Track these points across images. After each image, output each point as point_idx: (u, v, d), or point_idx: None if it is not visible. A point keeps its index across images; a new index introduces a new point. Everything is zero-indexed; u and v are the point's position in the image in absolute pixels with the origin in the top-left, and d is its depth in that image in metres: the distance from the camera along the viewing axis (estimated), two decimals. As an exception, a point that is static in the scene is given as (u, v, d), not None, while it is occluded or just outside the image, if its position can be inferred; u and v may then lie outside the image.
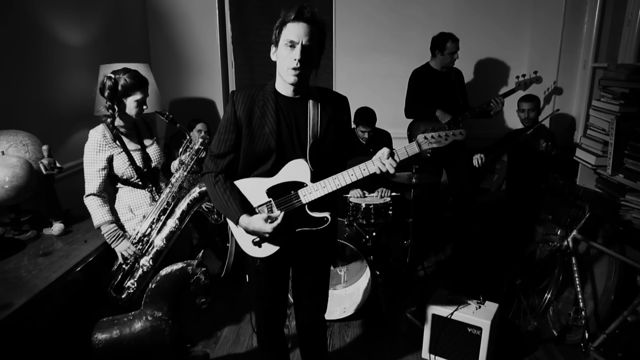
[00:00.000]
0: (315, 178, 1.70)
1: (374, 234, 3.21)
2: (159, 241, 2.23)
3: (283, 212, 1.70)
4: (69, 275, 1.95)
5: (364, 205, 3.12)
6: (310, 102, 1.72)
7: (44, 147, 2.30)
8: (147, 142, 2.37)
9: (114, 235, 2.19)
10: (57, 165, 2.31)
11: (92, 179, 2.19)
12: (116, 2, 3.66)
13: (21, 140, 2.27)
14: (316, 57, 1.66)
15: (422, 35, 3.80)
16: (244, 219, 1.70)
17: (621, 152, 2.60)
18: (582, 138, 3.07)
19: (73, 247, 2.17)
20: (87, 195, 2.21)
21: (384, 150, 1.66)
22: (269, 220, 1.67)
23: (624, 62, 3.21)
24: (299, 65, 1.59)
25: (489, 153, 3.41)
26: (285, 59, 1.61)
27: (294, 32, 1.57)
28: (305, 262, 1.94)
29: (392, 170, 1.65)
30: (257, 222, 1.68)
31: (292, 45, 1.58)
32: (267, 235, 1.68)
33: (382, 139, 3.55)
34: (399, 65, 4.06)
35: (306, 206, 1.73)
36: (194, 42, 4.21)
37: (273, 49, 1.67)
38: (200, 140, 2.36)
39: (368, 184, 1.85)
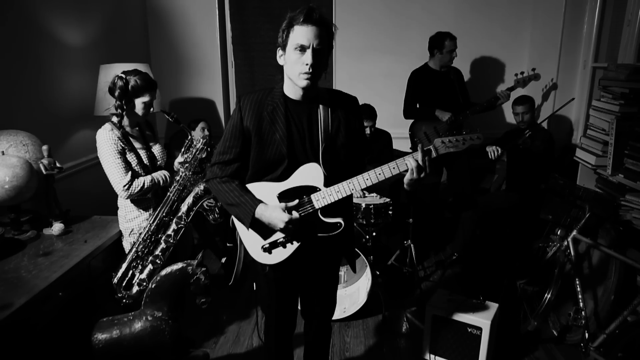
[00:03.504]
0: (328, 182, 1.64)
1: (374, 234, 3.21)
2: (166, 237, 2.25)
3: (300, 210, 1.66)
4: (68, 275, 1.95)
5: (364, 205, 3.11)
6: (321, 106, 1.67)
7: (44, 147, 2.30)
8: (150, 141, 2.39)
9: (162, 176, 2.28)
10: (57, 165, 2.32)
11: (122, 170, 2.16)
12: (116, 2, 3.66)
13: (21, 140, 2.27)
14: (325, 59, 1.60)
15: (422, 35, 3.80)
16: (261, 207, 1.65)
17: (621, 152, 2.60)
18: (582, 138, 3.08)
19: (73, 247, 2.17)
20: (126, 185, 2.15)
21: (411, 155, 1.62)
22: (287, 211, 1.63)
23: (624, 62, 3.21)
24: (311, 70, 1.53)
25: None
26: (296, 64, 1.55)
27: (304, 35, 1.52)
28: (315, 268, 1.89)
29: (426, 167, 1.58)
30: (275, 210, 1.63)
31: (303, 49, 1.53)
32: (281, 225, 1.62)
33: (382, 139, 3.56)
34: (398, 65, 4.06)
35: (319, 211, 1.68)
36: (194, 42, 4.21)
37: (280, 52, 1.61)
38: (203, 140, 2.36)
39: (385, 189, 1.80)
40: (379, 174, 1.62)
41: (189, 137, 2.40)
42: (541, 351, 2.66)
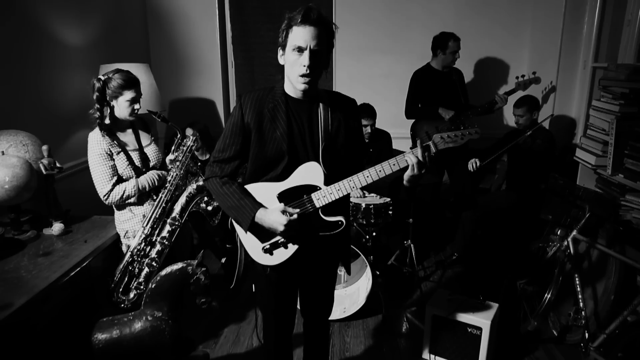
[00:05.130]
0: (328, 181, 1.64)
1: (374, 234, 3.21)
2: (161, 239, 2.23)
3: (299, 210, 1.64)
4: (69, 275, 1.95)
5: (364, 205, 3.11)
6: (321, 105, 1.68)
7: (44, 147, 2.30)
8: (144, 141, 2.37)
9: (150, 179, 2.26)
10: (57, 165, 2.31)
11: (106, 177, 2.17)
12: (116, 2, 3.66)
13: (21, 140, 2.27)
14: (325, 58, 1.61)
15: (423, 35, 3.80)
16: (261, 211, 1.64)
17: (621, 152, 2.60)
18: (582, 138, 3.08)
19: (73, 247, 2.17)
20: (106, 195, 2.18)
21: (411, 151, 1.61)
22: (287, 213, 1.62)
23: (624, 62, 3.21)
24: (308, 72, 1.54)
25: (489, 154, 3.41)
26: (294, 65, 1.56)
27: (301, 36, 1.52)
28: (314, 268, 1.89)
29: (424, 162, 1.57)
30: (274, 213, 1.62)
31: (300, 50, 1.53)
32: (281, 228, 1.60)
33: (382, 139, 3.56)
34: (399, 65, 4.06)
35: (320, 210, 1.67)
36: (194, 42, 4.21)
37: (280, 52, 1.62)
38: (193, 137, 2.35)
39: (384, 187, 1.78)
40: (379, 170, 1.62)
41: (178, 135, 2.39)
42: (541, 351, 2.66)
